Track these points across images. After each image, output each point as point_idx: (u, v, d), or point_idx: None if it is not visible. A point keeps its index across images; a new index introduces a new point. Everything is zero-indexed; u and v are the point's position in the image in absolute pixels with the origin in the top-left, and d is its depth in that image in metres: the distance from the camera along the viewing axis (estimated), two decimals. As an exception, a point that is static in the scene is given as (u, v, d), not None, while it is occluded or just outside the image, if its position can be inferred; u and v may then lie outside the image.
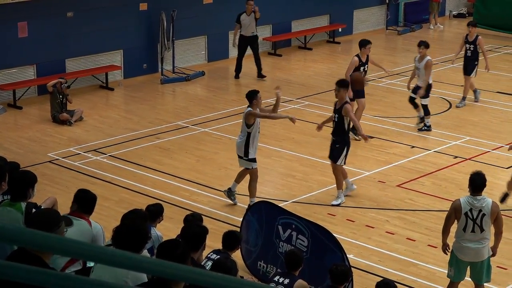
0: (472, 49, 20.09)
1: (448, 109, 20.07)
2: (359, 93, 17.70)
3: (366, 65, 17.96)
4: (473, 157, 16.75)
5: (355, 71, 17.51)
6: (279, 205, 13.10)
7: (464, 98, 20.19)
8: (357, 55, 17.92)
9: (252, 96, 13.97)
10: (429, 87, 18.24)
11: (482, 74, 21.14)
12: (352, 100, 17.70)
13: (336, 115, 14.38)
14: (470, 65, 20.08)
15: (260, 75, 22.98)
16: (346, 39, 27.68)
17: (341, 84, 14.50)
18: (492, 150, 17.21)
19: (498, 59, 25.30)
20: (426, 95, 18.26)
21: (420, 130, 18.30)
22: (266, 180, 15.45)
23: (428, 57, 18.25)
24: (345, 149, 14.37)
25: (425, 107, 18.28)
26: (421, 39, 24.11)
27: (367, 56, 17.96)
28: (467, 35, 20.30)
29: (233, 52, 23.98)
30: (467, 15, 32.51)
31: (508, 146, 15.21)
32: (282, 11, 26.21)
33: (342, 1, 27.91)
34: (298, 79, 22.93)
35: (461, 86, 20.48)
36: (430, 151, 17.13)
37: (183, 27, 23.09)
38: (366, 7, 29.25)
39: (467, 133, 18.29)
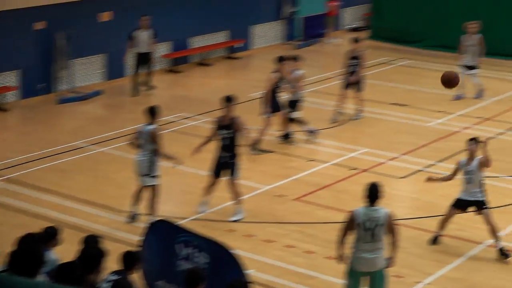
0: (356, 64, 20.31)
1: (345, 122, 20.36)
2: (276, 108, 18.12)
3: (283, 81, 18.33)
4: (369, 168, 17.06)
5: (273, 88, 18.01)
6: (179, 222, 13.10)
7: (358, 111, 20.47)
8: (275, 71, 18.25)
9: (155, 111, 14.08)
10: (297, 100, 18.59)
11: (377, 86, 21.59)
12: (272, 112, 18.02)
13: (228, 131, 14.53)
14: (356, 80, 20.26)
15: (147, 86, 23.07)
16: (245, 54, 27.89)
17: (230, 100, 14.75)
18: (388, 160, 17.56)
19: (393, 71, 25.88)
20: (295, 109, 18.60)
21: (307, 141, 18.58)
22: (165, 198, 15.42)
23: (298, 71, 18.58)
24: (239, 163, 14.59)
25: (297, 120, 18.59)
26: (319, 52, 24.46)
27: (284, 71, 18.29)
28: (351, 50, 20.47)
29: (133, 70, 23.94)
30: (363, 28, 33.10)
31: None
32: (181, 28, 26.24)
33: (240, 17, 28.14)
34: (197, 95, 22.99)
35: (359, 99, 20.76)
36: (327, 164, 17.37)
37: (80, 45, 22.90)
38: (264, 23, 29.53)
39: (363, 144, 18.63)
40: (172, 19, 25.83)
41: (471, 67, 22.21)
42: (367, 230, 10.56)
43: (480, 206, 13.19)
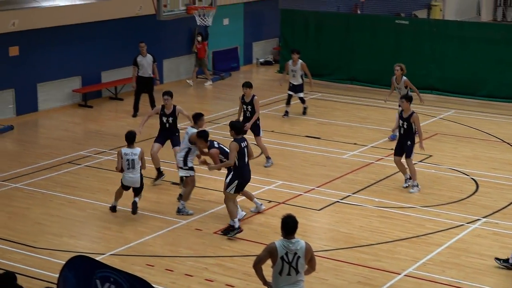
0: (250, 109, 19.36)
1: (260, 155, 20.42)
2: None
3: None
4: (286, 201, 17.11)
5: None
6: (96, 258, 12.88)
7: (268, 158, 19.88)
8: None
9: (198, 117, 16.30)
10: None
11: (291, 119, 21.68)
12: None
13: None
14: (253, 125, 19.40)
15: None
16: (157, 88, 27.70)
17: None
18: (304, 193, 17.64)
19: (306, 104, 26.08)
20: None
21: None
22: (82, 233, 15.22)
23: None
24: None
25: None
26: (231, 86, 24.34)
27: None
28: (243, 95, 19.47)
29: (43, 105, 23.74)
30: (273, 62, 33.43)
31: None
32: (92, 61, 26.06)
33: (152, 51, 27.99)
34: (110, 130, 22.79)
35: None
36: (243, 198, 17.33)
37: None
38: (174, 57, 29.56)
39: (279, 177, 18.67)
40: (82, 53, 25.65)
41: None
42: (287, 263, 10.50)
43: None
